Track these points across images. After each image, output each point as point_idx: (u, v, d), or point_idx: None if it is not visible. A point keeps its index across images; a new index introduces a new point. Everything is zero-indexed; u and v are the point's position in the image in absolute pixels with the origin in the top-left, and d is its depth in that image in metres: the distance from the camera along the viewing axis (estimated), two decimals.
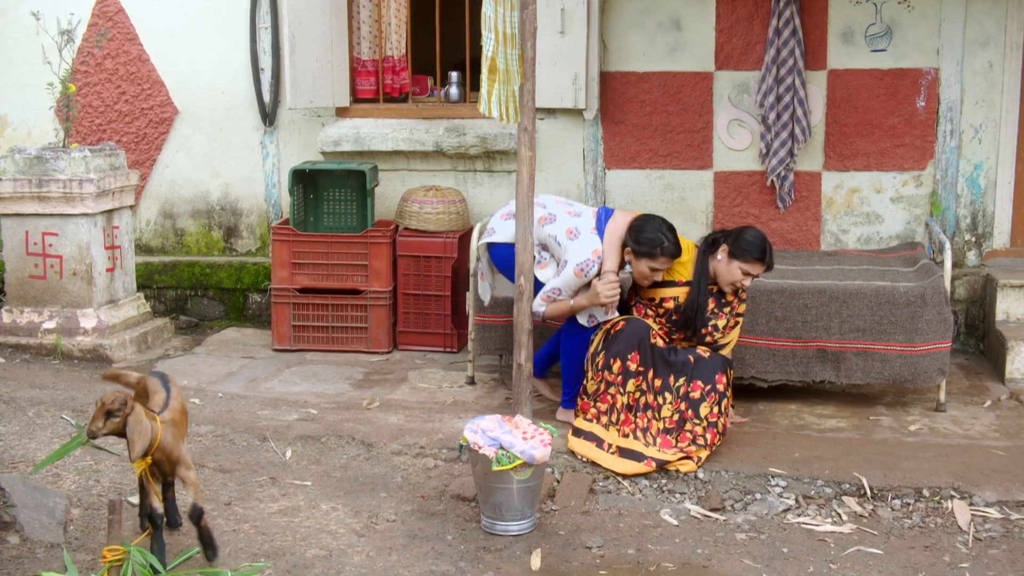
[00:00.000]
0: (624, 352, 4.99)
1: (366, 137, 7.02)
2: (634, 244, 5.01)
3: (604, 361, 5.01)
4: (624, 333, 5.00)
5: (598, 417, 5.01)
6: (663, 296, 5.11)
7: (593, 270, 5.03)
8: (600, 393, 5.02)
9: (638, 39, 6.73)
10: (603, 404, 5.01)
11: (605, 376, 5.01)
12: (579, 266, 5.04)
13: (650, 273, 5.03)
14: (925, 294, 5.35)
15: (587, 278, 5.04)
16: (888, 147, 6.56)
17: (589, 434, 4.97)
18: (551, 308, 5.13)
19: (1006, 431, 5.23)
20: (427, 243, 6.59)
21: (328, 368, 6.34)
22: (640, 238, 4.99)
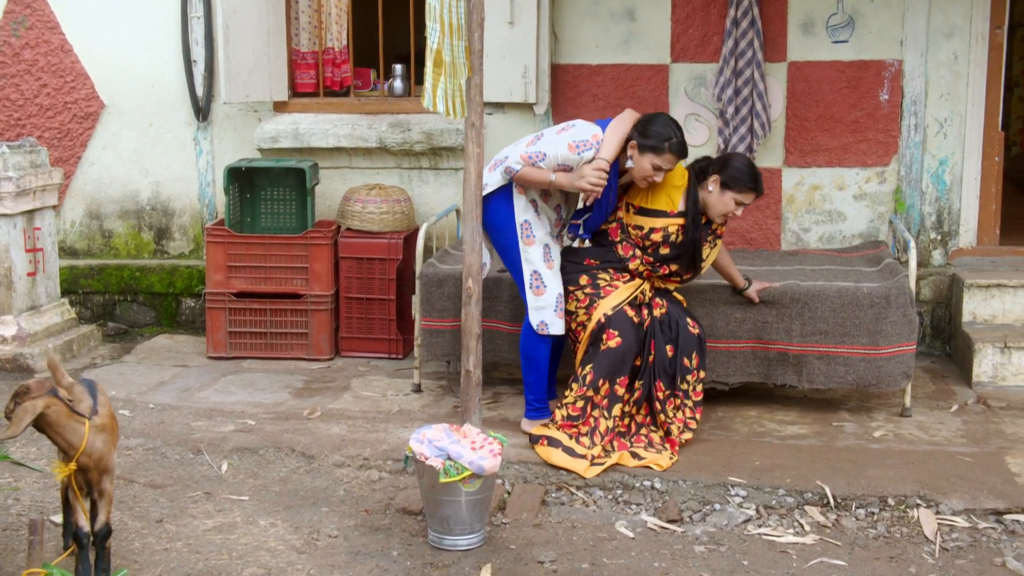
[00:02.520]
0: (614, 375, 5.06)
1: (306, 133, 7.01)
2: (640, 137, 5.00)
3: (592, 379, 5.06)
4: (617, 353, 5.05)
5: (578, 438, 5.04)
6: (652, 226, 5.14)
7: (588, 153, 4.98)
8: (584, 416, 5.06)
9: (590, 30, 6.78)
10: (585, 427, 5.06)
11: (591, 396, 5.06)
12: (576, 141, 5.01)
13: (652, 172, 5.02)
14: (889, 295, 5.42)
15: (578, 156, 4.99)
16: (850, 142, 6.65)
17: (568, 448, 4.99)
18: (527, 171, 5.06)
19: (973, 437, 5.32)
20: (370, 244, 6.58)
21: (266, 376, 6.31)
22: (647, 131, 5.00)
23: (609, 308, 5.10)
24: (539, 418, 5.30)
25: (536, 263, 5.16)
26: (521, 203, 5.18)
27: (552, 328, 5.16)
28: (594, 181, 4.95)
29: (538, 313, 5.17)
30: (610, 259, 5.21)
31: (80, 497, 3.87)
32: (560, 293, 5.16)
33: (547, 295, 5.15)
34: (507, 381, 6.16)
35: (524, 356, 5.29)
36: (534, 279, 5.16)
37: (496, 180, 5.20)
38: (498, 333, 5.76)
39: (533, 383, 5.30)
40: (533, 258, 5.16)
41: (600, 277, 5.18)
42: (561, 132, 5.09)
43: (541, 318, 5.17)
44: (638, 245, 5.18)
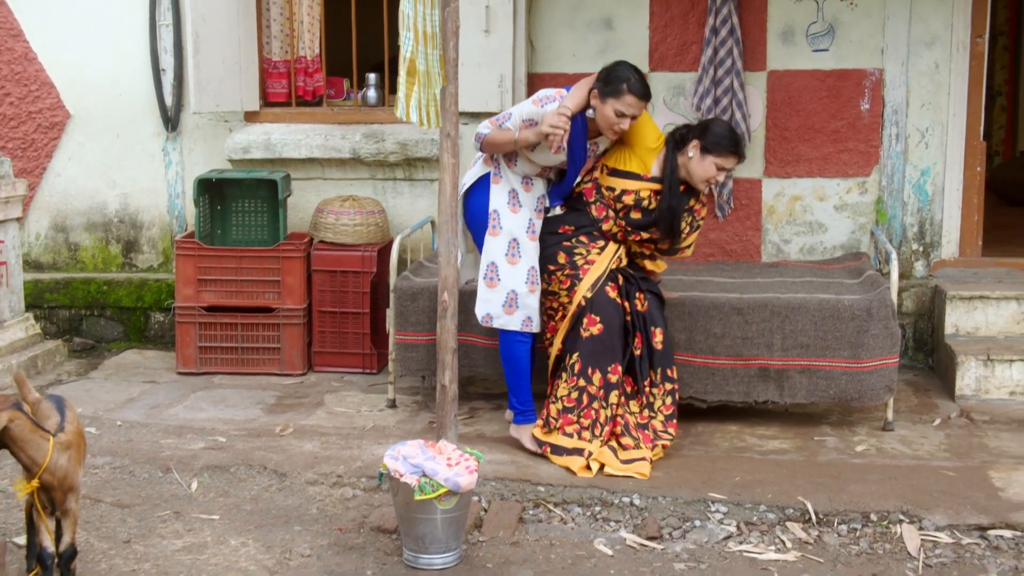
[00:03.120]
0: (605, 363, 5.14)
1: (277, 144, 7.00)
2: (600, 84, 5.06)
3: (581, 368, 5.12)
4: (601, 340, 5.12)
5: (580, 432, 5.12)
6: (624, 188, 5.19)
7: (551, 105, 5.05)
8: (583, 407, 5.13)
9: (567, 39, 6.80)
10: (586, 419, 5.14)
11: (585, 387, 5.13)
12: (539, 97, 5.11)
13: (616, 118, 5.04)
14: (871, 307, 5.45)
15: (542, 110, 5.05)
16: (831, 152, 6.69)
17: (574, 450, 5.08)
18: (495, 133, 5.14)
19: (956, 451, 5.35)
20: (344, 257, 6.58)
21: (238, 392, 6.29)
22: (608, 76, 5.06)
23: (588, 288, 5.16)
24: (527, 422, 5.31)
25: (495, 254, 5.19)
26: (496, 192, 5.23)
27: (496, 322, 5.22)
28: (554, 122, 4.95)
29: (484, 304, 5.23)
30: (584, 223, 5.25)
31: (44, 517, 3.84)
32: (515, 290, 5.17)
33: (498, 289, 5.19)
34: (484, 396, 6.16)
35: (504, 359, 5.32)
36: (489, 270, 5.21)
37: (475, 172, 5.27)
38: (474, 347, 5.75)
39: (516, 386, 5.32)
40: (494, 249, 5.20)
41: (576, 252, 5.22)
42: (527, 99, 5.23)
43: (487, 310, 5.22)
44: (610, 207, 5.23)
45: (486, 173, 5.26)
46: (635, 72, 5.06)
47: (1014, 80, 11.29)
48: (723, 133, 5.17)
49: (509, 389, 5.35)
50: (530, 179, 5.28)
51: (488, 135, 5.15)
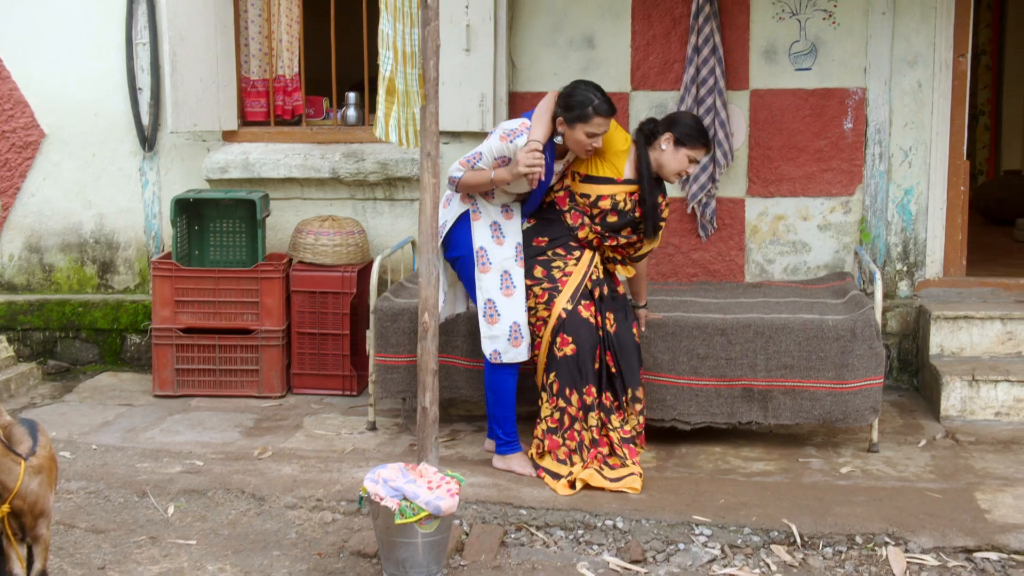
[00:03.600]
0: (580, 384, 5.20)
1: (256, 163, 7.00)
2: (564, 111, 5.09)
3: (559, 388, 5.19)
4: (574, 361, 5.17)
5: (570, 456, 5.19)
6: (599, 194, 5.24)
7: (520, 139, 5.07)
8: (566, 428, 5.20)
9: (549, 57, 6.84)
10: (572, 442, 5.20)
11: (565, 408, 5.20)
12: (505, 131, 5.12)
13: (587, 140, 5.10)
14: (855, 327, 5.48)
15: (512, 145, 5.08)
16: (815, 171, 6.73)
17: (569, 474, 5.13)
18: (469, 175, 5.15)
19: (942, 472, 5.37)
20: (323, 278, 6.58)
21: (215, 415, 6.28)
22: (569, 103, 5.09)
23: (568, 300, 5.20)
24: (511, 452, 5.33)
25: (490, 291, 5.21)
26: (479, 229, 5.24)
27: (505, 356, 5.22)
28: (530, 162, 5.02)
29: (491, 342, 5.24)
30: (558, 233, 5.29)
31: (15, 543, 3.82)
32: (517, 322, 5.20)
33: (500, 324, 5.20)
34: (465, 418, 6.17)
35: (490, 390, 5.33)
36: (488, 307, 5.22)
37: (454, 212, 5.28)
38: (455, 368, 5.76)
39: (501, 417, 5.32)
40: (487, 286, 5.22)
41: (554, 265, 5.26)
42: (491, 134, 5.23)
43: (494, 347, 5.23)
44: (586, 213, 5.28)
45: (465, 211, 5.27)
46: (596, 91, 5.11)
47: (997, 99, 11.40)
48: (694, 124, 5.26)
49: (493, 420, 5.36)
50: (508, 207, 5.31)
51: (462, 178, 5.17)
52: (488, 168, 5.13)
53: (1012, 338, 6.32)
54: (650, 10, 6.73)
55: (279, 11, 7.14)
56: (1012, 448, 5.68)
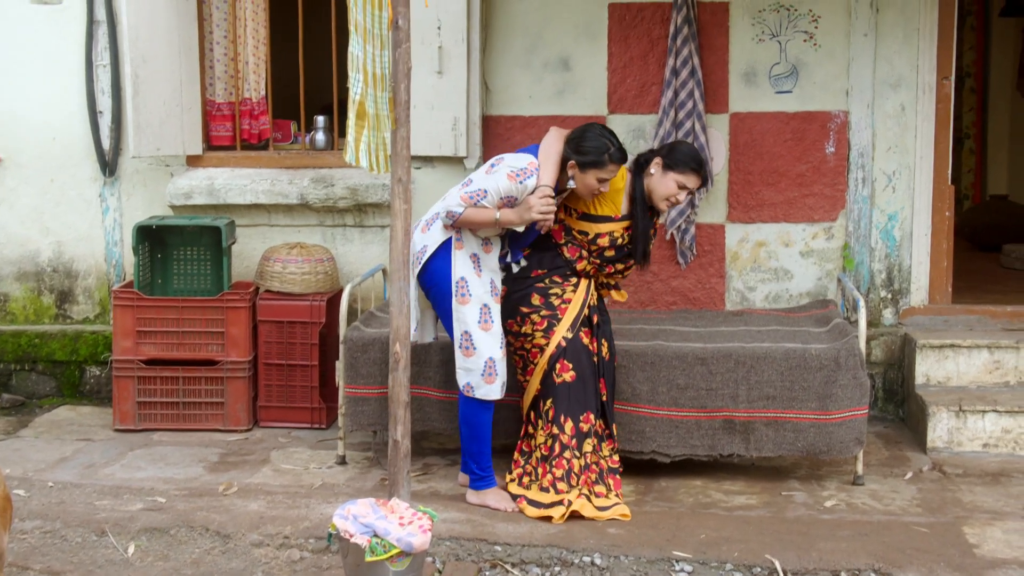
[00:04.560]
0: (577, 411, 5.23)
1: (221, 189, 7.00)
2: (577, 155, 5.14)
3: (554, 415, 5.22)
4: (574, 387, 5.21)
5: (555, 484, 5.20)
6: (598, 232, 5.30)
7: (530, 181, 5.08)
8: (555, 456, 5.21)
9: (523, 80, 6.87)
10: (559, 470, 5.21)
11: (558, 435, 5.22)
12: (514, 170, 5.10)
13: (597, 185, 5.18)
14: (839, 357, 5.51)
15: (521, 186, 5.08)
16: (796, 196, 6.78)
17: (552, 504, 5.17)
18: (471, 212, 5.11)
19: (929, 505, 5.40)
20: (291, 307, 6.57)
21: (178, 450, 6.25)
22: (583, 147, 5.14)
23: (568, 329, 5.25)
24: (486, 487, 5.32)
25: (468, 323, 5.20)
26: (460, 259, 5.23)
27: (478, 392, 5.21)
28: (544, 209, 5.08)
29: (465, 374, 5.24)
30: (557, 264, 5.34)
31: None
32: (492, 358, 5.20)
33: (476, 358, 5.19)
34: (438, 452, 6.16)
35: (465, 423, 5.31)
36: (464, 339, 5.21)
37: (436, 238, 5.26)
38: (428, 400, 5.76)
39: (476, 452, 5.31)
40: (466, 318, 5.21)
41: (552, 292, 5.30)
42: (492, 169, 5.19)
43: (467, 380, 5.23)
44: (583, 247, 5.34)
45: (448, 239, 5.24)
46: (610, 136, 5.18)
47: (982, 122, 11.51)
48: (687, 151, 5.33)
49: (468, 454, 5.35)
50: (490, 240, 5.31)
51: (464, 215, 5.12)
52: (492, 207, 5.12)
53: (1000, 367, 6.37)
54: (627, 31, 6.79)
55: (245, 32, 7.16)
56: (1000, 481, 5.71)
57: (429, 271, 5.27)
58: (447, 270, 5.24)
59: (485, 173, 5.21)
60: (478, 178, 5.21)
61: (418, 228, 5.34)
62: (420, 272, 5.30)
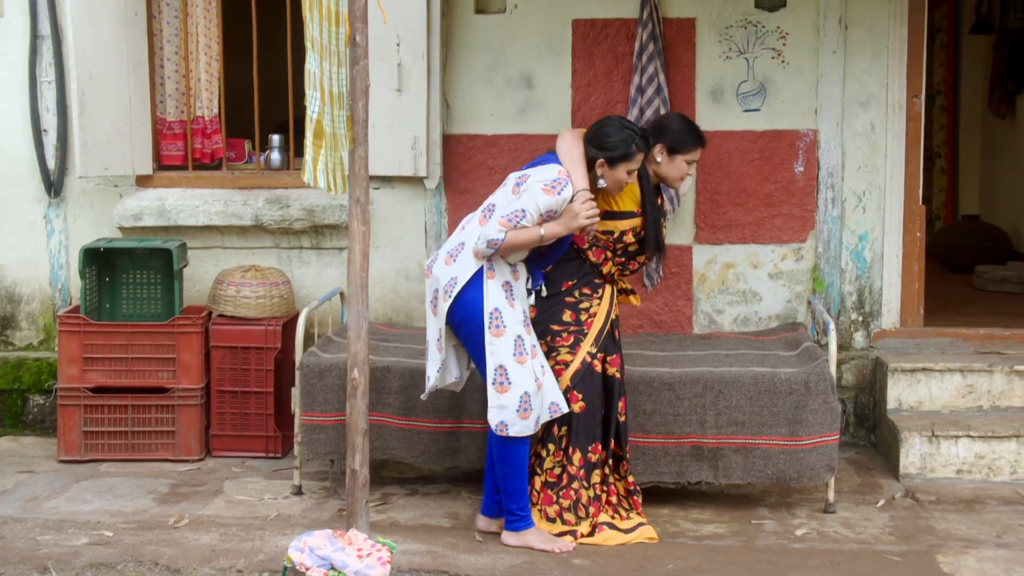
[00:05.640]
0: (585, 443, 5.26)
1: (172, 210, 6.98)
2: (604, 152, 5.17)
3: (567, 443, 5.26)
4: (583, 418, 5.24)
5: (560, 515, 5.24)
6: (623, 228, 5.35)
7: (567, 191, 5.06)
8: (563, 486, 5.26)
9: (485, 97, 6.91)
10: (566, 500, 5.26)
11: (567, 466, 5.26)
12: (548, 183, 5.06)
13: (627, 177, 5.24)
14: (809, 381, 5.55)
15: (559, 197, 5.05)
16: (765, 217, 6.84)
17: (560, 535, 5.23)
18: (514, 235, 5.03)
19: (902, 534, 5.44)
20: (245, 332, 6.56)
21: (127, 481, 6.21)
22: (608, 143, 5.18)
23: (592, 344, 5.28)
24: (525, 528, 5.22)
25: (503, 356, 5.06)
26: (493, 289, 5.10)
27: (512, 429, 5.07)
28: (590, 215, 5.09)
29: (498, 412, 5.08)
30: (584, 272, 5.35)
31: None
32: (527, 391, 5.06)
33: (510, 393, 5.05)
34: (397, 481, 6.15)
35: (502, 462, 5.18)
36: (498, 374, 5.06)
37: (468, 268, 5.11)
38: (387, 428, 5.76)
39: (517, 491, 5.19)
40: (500, 351, 5.07)
41: (581, 308, 5.32)
42: (522, 188, 5.13)
43: (501, 418, 5.07)
44: (608, 248, 5.36)
45: (479, 268, 5.11)
46: (631, 126, 5.24)
47: (952, 141, 11.65)
48: (683, 128, 5.38)
49: (506, 494, 5.20)
50: (516, 266, 5.23)
51: (508, 239, 5.02)
52: (533, 225, 5.07)
53: (973, 391, 6.44)
54: (591, 48, 6.84)
55: (197, 49, 7.15)
56: (974, 508, 5.77)
57: (461, 303, 5.11)
58: (480, 301, 5.09)
59: (511, 193, 5.16)
60: (505, 200, 5.15)
61: (438, 260, 5.20)
62: (452, 306, 5.14)
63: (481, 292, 5.10)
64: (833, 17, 6.70)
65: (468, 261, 5.13)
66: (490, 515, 5.40)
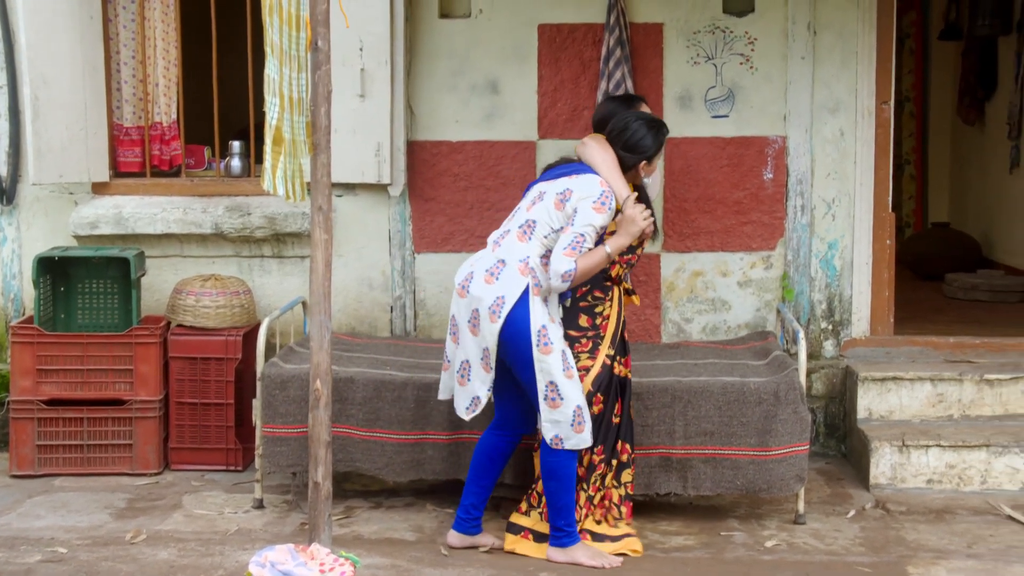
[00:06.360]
0: (594, 444, 5.26)
1: (130, 218, 6.95)
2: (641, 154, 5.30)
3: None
4: (599, 421, 5.26)
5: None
6: None
7: (613, 202, 5.12)
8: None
9: (450, 103, 6.91)
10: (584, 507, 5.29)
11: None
12: (596, 201, 5.10)
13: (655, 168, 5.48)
14: (779, 390, 5.58)
15: (610, 212, 5.11)
16: (733, 224, 6.87)
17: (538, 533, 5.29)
18: (585, 261, 5.05)
19: (872, 544, 5.47)
20: (205, 342, 6.53)
21: (82, 496, 6.17)
22: (642, 144, 5.30)
23: (610, 346, 5.30)
24: (572, 543, 5.19)
25: (553, 373, 5.04)
26: (538, 306, 5.07)
27: (568, 443, 5.07)
28: (647, 216, 5.18)
29: (552, 427, 5.07)
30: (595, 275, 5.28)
31: None
32: (580, 404, 5.07)
33: (564, 408, 5.04)
34: (361, 494, 6.14)
35: (552, 477, 5.15)
36: (549, 390, 5.05)
37: (515, 285, 5.06)
38: (350, 440, 5.75)
39: (565, 506, 5.16)
40: (550, 368, 5.05)
41: (597, 312, 5.32)
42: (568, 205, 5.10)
43: (556, 432, 5.07)
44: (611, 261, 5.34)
45: (527, 285, 5.07)
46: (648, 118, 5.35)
47: (922, 148, 11.75)
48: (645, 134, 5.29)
49: (554, 509, 5.17)
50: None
51: (579, 268, 5.02)
52: (592, 245, 5.09)
53: (943, 400, 6.49)
54: (558, 53, 6.86)
55: (155, 53, 7.13)
56: (945, 518, 5.81)
57: (511, 321, 5.05)
58: (526, 319, 5.05)
59: (554, 208, 5.13)
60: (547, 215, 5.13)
61: (475, 280, 5.11)
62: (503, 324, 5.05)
63: (527, 310, 5.06)
64: (802, 22, 6.75)
65: (513, 279, 5.07)
66: (463, 531, 5.37)
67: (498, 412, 5.35)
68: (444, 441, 5.69)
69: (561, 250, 5.04)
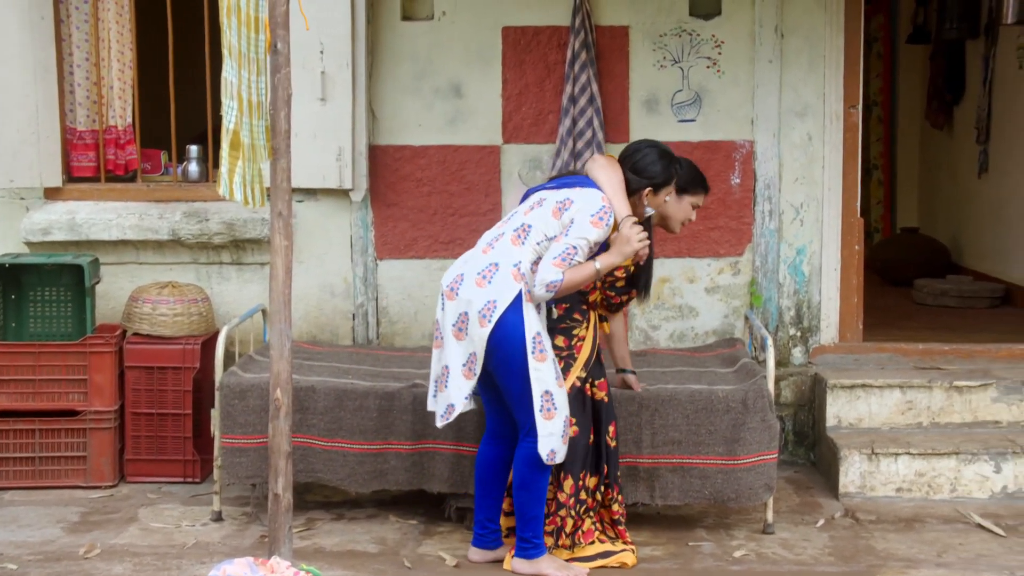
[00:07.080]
0: (576, 469, 5.21)
1: (84, 224, 6.90)
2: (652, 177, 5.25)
3: (560, 469, 5.17)
4: (575, 444, 5.17)
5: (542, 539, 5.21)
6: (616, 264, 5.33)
7: (611, 219, 5.05)
8: (551, 513, 5.21)
9: (413, 107, 6.90)
10: (550, 526, 5.21)
11: (556, 493, 5.19)
12: (594, 214, 5.02)
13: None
14: (747, 398, 5.59)
15: (607, 228, 5.04)
16: (701, 230, 6.89)
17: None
18: (572, 274, 4.97)
19: (841, 554, 5.49)
20: (162, 351, 6.49)
21: (33, 510, 6.11)
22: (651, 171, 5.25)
23: (582, 368, 5.23)
24: (539, 555, 5.16)
25: (548, 382, 4.99)
26: (531, 312, 5.01)
27: (559, 456, 5.03)
28: (642, 238, 5.08)
29: (548, 440, 4.99)
30: (575, 296, 5.26)
31: None
32: (567, 415, 5.05)
33: (556, 419, 4.99)
34: (322, 505, 6.11)
35: (524, 488, 5.11)
36: (545, 400, 4.98)
37: (507, 289, 4.99)
38: (312, 450, 5.72)
39: (533, 517, 5.13)
40: (546, 376, 4.99)
41: (573, 333, 5.26)
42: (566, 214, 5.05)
43: (551, 446, 4.99)
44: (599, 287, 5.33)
45: (519, 290, 5.00)
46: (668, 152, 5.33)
47: (890, 152, 11.83)
48: (691, 167, 5.38)
49: (524, 520, 5.13)
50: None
51: (565, 280, 4.95)
52: (586, 260, 5.03)
53: (912, 407, 6.52)
54: (522, 56, 6.86)
55: (109, 55, 7.08)
56: (914, 527, 5.84)
57: (500, 326, 4.98)
58: (520, 325, 4.97)
59: (551, 216, 5.07)
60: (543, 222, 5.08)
61: (465, 282, 5.03)
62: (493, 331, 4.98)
63: (520, 316, 4.98)
64: (769, 26, 6.78)
65: (506, 282, 5.00)
66: (483, 547, 5.34)
67: (491, 422, 5.31)
68: (407, 451, 5.68)
69: (551, 259, 4.98)
